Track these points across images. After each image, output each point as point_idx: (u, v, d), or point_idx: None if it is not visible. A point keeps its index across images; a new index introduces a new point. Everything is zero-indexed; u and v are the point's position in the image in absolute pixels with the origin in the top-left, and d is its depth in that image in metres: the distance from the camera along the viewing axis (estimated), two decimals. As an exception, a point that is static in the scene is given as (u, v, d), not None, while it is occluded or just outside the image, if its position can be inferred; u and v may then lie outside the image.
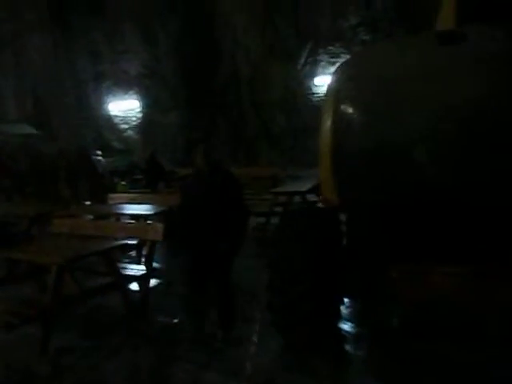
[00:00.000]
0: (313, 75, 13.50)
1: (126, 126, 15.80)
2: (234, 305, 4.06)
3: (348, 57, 3.36)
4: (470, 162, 2.54)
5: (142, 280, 4.97)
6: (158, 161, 12.05)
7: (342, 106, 2.95)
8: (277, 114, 13.82)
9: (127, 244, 4.91)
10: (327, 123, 3.16)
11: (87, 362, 3.85)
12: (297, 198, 8.94)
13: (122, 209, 7.18)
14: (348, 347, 3.84)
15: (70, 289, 4.44)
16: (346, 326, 4.09)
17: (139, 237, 5.23)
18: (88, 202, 10.76)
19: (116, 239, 4.95)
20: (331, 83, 3.30)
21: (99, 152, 13.86)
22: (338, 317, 3.93)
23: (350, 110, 2.91)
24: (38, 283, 5.47)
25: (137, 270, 5.04)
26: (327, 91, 3.41)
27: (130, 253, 6.25)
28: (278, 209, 9.01)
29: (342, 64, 3.26)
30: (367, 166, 2.83)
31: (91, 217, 7.33)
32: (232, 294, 4.05)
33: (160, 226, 5.08)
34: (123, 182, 13.51)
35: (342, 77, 3.09)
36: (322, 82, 13.47)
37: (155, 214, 6.31)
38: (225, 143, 14.01)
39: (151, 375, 3.66)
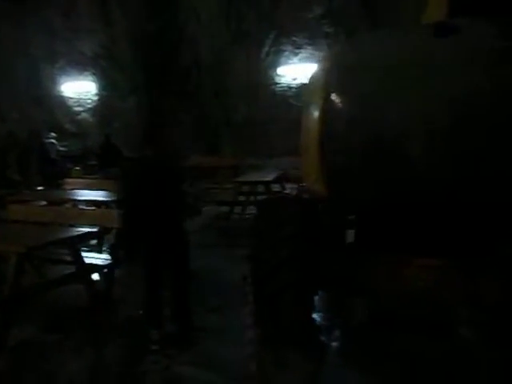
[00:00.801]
0: (276, 65, 13.36)
1: (80, 109, 15.08)
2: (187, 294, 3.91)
3: (336, 46, 3.27)
4: (464, 156, 2.54)
5: (107, 270, 4.75)
6: (113, 144, 11.63)
7: (334, 97, 2.88)
8: (239, 103, 13.63)
9: (91, 232, 4.66)
10: (314, 114, 3.09)
11: (51, 359, 3.61)
12: (260, 188, 8.91)
13: (81, 195, 6.87)
14: (323, 339, 3.83)
15: (30, 279, 4.18)
16: (320, 318, 4.07)
17: (104, 224, 5.00)
18: (40, 188, 10.24)
19: (74, 227, 4.70)
20: (318, 73, 3.23)
21: (53, 134, 13.19)
22: (313, 308, 3.91)
23: (343, 101, 2.85)
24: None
25: (101, 259, 4.81)
26: (313, 81, 3.34)
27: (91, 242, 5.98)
28: (242, 198, 8.96)
29: (330, 53, 3.20)
30: (360, 159, 2.78)
31: (44, 203, 6.97)
32: (187, 283, 3.91)
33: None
34: (77, 168, 12.97)
35: (332, 66, 3.02)
36: (285, 73, 13.40)
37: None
38: (185, 131, 13.69)
39: (121, 373, 3.48)
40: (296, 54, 13.25)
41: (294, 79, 13.37)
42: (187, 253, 3.89)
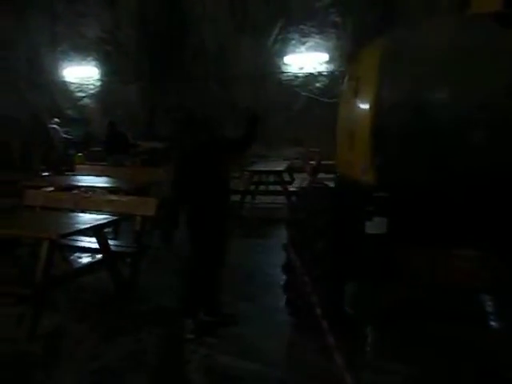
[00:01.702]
0: (283, 53, 13.26)
1: (83, 95, 14.88)
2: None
3: (391, 32, 3.20)
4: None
5: (133, 258, 4.69)
6: (120, 131, 11.47)
7: (392, 85, 2.82)
8: (245, 91, 13.52)
9: (118, 219, 4.60)
10: (364, 103, 3.03)
11: (84, 348, 3.56)
12: (272, 177, 8.88)
13: (96, 182, 6.79)
14: (360, 329, 3.81)
15: (57, 267, 4.12)
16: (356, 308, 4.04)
17: (128, 212, 4.93)
18: (46, 173, 10.10)
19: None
20: (368, 60, 3.16)
21: (56, 120, 13.01)
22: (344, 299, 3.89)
23: (403, 89, 2.79)
24: (12, 259, 5.08)
25: (126, 247, 4.75)
26: (359, 69, 3.28)
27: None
28: (252, 187, 8.91)
29: (384, 39, 3.12)
30: (419, 147, 2.74)
31: (51, 188, 6.84)
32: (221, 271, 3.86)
33: (152, 201, 4.81)
34: (80, 154, 12.80)
35: (390, 53, 2.95)
36: (292, 61, 13.30)
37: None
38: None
39: (162, 362, 3.44)
40: (303, 43, 13.14)
41: (301, 68, 13.28)
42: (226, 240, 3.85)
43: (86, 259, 5.13)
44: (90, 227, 3.99)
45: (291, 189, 8.59)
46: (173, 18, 13.69)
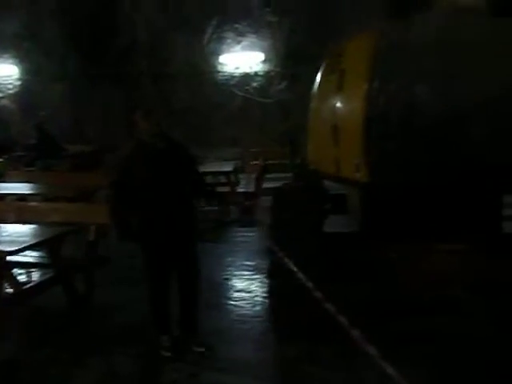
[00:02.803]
0: (218, 52, 12.99)
1: (0, 95, 13.64)
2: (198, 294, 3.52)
3: (384, 26, 3.10)
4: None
5: (89, 271, 4.25)
6: (48, 134, 10.65)
7: (387, 79, 2.71)
8: (179, 91, 13.08)
9: (72, 230, 4.13)
10: (356, 97, 2.91)
11: (52, 377, 3.12)
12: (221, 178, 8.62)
13: (32, 189, 6.16)
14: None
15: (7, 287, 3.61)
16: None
17: (80, 221, 4.46)
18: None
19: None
20: (356, 52, 3.04)
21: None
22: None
23: (400, 83, 2.69)
24: None
25: (81, 259, 4.30)
26: (345, 62, 3.15)
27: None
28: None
29: (377, 33, 3.01)
30: (417, 142, 2.66)
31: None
32: (198, 286, 3.51)
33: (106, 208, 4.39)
34: (0, 160, 11.71)
35: (384, 46, 2.84)
36: (228, 61, 13.08)
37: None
38: (121, 119, 12.91)
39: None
40: (239, 42, 12.97)
41: (237, 68, 13.10)
42: (196, 246, 3.54)
43: (28, 275, 4.59)
44: (47, 240, 3.52)
45: (240, 190, 8.41)
46: (101, 14, 12.95)
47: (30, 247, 3.50)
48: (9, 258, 3.48)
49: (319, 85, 3.62)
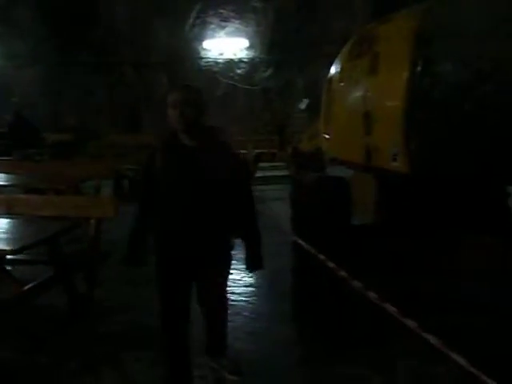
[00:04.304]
0: (201, 38, 12.64)
1: (-30, 80, 12.93)
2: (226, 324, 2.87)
3: (423, 6, 2.88)
4: None
5: (91, 268, 3.95)
6: (27, 121, 10.13)
7: (433, 61, 2.51)
8: (161, 77, 12.67)
9: (75, 225, 3.82)
10: (396, 81, 2.71)
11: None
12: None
13: (15, 180, 5.77)
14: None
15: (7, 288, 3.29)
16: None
17: (79, 215, 4.13)
18: None
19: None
20: (394, 35, 2.84)
21: None
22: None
23: (445, 66, 2.50)
24: None
25: (82, 256, 3.99)
26: (380, 45, 2.95)
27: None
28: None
29: (418, 13, 2.80)
30: (465, 127, 2.48)
31: None
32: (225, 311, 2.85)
33: (110, 200, 4.09)
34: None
35: (427, 27, 2.64)
36: (211, 47, 12.74)
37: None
38: (102, 106, 12.44)
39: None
40: (223, 28, 12.64)
41: (221, 54, 12.79)
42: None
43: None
44: (50, 237, 3.21)
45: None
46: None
47: (33, 245, 3.18)
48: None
49: (342, 70, 3.40)
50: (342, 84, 3.38)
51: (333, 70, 3.75)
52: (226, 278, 2.76)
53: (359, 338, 3.21)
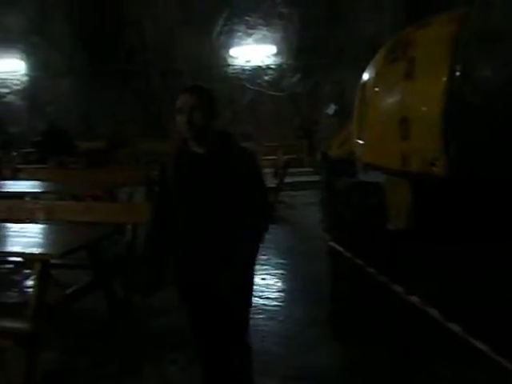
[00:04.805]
0: (228, 46, 12.77)
1: (7, 90, 13.38)
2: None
3: (464, 11, 2.88)
4: None
5: (127, 274, 4.04)
6: (61, 130, 10.42)
7: (473, 67, 2.51)
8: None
9: (116, 231, 3.92)
10: (434, 86, 2.70)
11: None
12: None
13: (53, 187, 5.93)
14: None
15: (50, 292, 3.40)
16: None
17: (117, 220, 4.24)
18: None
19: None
20: (432, 39, 2.84)
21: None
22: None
23: (486, 71, 2.49)
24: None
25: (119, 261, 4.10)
26: (416, 50, 2.95)
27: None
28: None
29: (454, 21, 2.80)
30: (506, 131, 2.46)
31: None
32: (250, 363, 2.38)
33: (146, 205, 4.18)
34: (8, 156, 11.48)
35: (467, 31, 2.64)
36: (238, 54, 12.85)
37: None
38: (131, 115, 12.70)
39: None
40: (250, 35, 12.75)
41: (248, 61, 12.88)
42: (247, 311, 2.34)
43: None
44: (91, 242, 3.31)
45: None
46: (108, 7, 12.68)
47: (76, 250, 3.28)
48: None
49: (376, 75, 3.41)
50: (377, 89, 3.38)
51: (366, 75, 3.75)
52: (247, 310, 2.31)
53: (400, 342, 3.19)
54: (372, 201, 3.31)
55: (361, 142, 3.75)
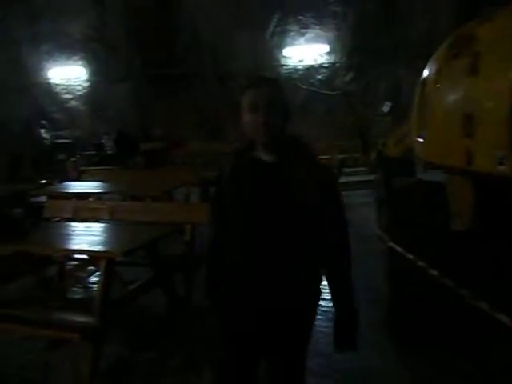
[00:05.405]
0: (281, 46, 12.77)
1: (70, 96, 14.05)
2: None
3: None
4: None
5: (187, 272, 4.15)
6: (129, 136, 10.96)
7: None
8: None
9: (176, 230, 4.04)
10: (500, 81, 2.58)
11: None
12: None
13: (117, 188, 6.17)
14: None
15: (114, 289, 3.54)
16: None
17: (175, 220, 4.36)
18: (43, 181, 9.37)
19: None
20: (497, 33, 2.72)
21: (44, 123, 12.23)
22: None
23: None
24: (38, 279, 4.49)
25: (178, 260, 4.21)
26: (479, 44, 2.83)
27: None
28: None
29: None
30: None
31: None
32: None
33: (204, 206, 4.27)
34: (73, 159, 12.07)
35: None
36: (291, 54, 12.83)
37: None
38: (186, 117, 12.97)
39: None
40: (303, 35, 12.70)
41: (301, 61, 12.83)
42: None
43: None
44: (153, 241, 3.43)
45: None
46: (163, 11, 13.03)
47: (139, 248, 3.40)
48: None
49: (437, 72, 3.30)
50: (439, 86, 3.27)
51: (427, 71, 3.63)
52: (306, 350, 1.99)
53: (466, 348, 3.08)
54: (434, 200, 3.20)
55: (421, 140, 3.64)
